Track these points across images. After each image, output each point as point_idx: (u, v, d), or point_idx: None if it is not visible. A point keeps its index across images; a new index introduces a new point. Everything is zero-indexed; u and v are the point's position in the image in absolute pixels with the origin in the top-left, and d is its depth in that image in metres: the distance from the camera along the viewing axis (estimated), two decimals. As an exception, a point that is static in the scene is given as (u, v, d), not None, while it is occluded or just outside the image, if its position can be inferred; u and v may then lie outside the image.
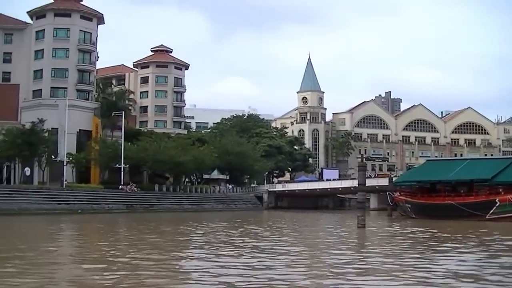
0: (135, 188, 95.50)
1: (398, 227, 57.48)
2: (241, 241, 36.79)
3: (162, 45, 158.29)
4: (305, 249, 32.21)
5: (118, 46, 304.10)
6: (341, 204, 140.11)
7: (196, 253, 28.82)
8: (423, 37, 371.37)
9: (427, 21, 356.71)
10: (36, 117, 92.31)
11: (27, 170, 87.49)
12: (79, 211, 75.23)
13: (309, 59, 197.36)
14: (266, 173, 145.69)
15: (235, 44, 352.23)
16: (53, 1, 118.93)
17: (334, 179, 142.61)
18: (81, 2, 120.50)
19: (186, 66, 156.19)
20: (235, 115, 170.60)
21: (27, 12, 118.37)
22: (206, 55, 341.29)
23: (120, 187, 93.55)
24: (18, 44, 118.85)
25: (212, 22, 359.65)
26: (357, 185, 58.14)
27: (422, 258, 27.23)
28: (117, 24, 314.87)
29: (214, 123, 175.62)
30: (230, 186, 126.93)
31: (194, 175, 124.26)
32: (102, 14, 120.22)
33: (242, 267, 23.07)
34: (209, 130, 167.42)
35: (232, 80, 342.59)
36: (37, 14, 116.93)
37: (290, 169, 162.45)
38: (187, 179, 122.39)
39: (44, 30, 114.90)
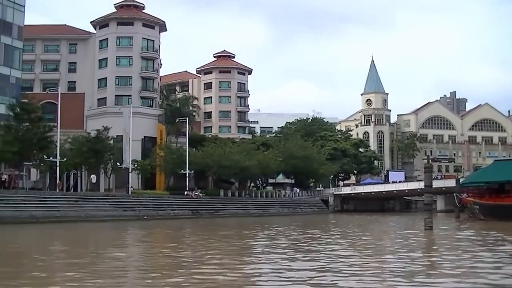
0: (200, 194, 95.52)
1: (467, 229, 56.04)
2: (308, 244, 36.25)
3: (224, 50, 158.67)
4: (373, 253, 31.45)
5: (181, 53, 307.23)
6: (407, 206, 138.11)
7: (269, 258, 28.24)
8: (487, 36, 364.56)
9: (491, 20, 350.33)
10: (101, 125, 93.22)
11: (93, 178, 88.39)
12: (145, 217, 75.45)
13: (372, 60, 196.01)
14: (332, 176, 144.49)
15: (297, 47, 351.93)
16: (115, 11, 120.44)
17: (400, 181, 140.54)
18: (143, 11, 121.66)
19: (249, 71, 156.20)
20: (299, 119, 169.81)
21: (91, 22, 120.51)
22: (268, 59, 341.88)
23: (185, 193, 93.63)
24: (83, 54, 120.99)
25: (273, 26, 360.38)
26: (423, 187, 56.91)
27: (494, 261, 26.16)
28: (180, 31, 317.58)
29: (278, 127, 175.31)
30: (298, 190, 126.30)
31: (260, 179, 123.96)
32: (164, 22, 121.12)
33: (312, 270, 22.61)
34: (273, 135, 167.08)
35: (295, 83, 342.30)
36: (100, 23, 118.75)
37: (355, 172, 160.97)
38: (252, 184, 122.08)
39: (107, 39, 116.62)
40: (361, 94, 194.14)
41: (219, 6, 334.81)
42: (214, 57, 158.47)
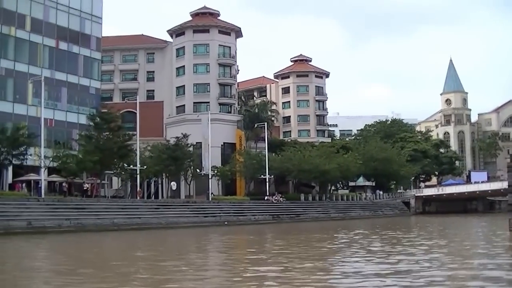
0: (281, 198, 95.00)
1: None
2: (391, 247, 35.42)
3: (301, 54, 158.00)
4: (457, 256, 30.45)
5: (258, 58, 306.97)
6: (491, 207, 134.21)
7: (364, 262, 27.55)
8: None
9: None
10: (180, 132, 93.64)
11: (174, 185, 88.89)
12: (226, 223, 75.23)
13: (451, 60, 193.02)
14: (412, 178, 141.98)
15: (372, 49, 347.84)
16: (191, 19, 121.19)
17: (482, 182, 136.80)
18: (219, 18, 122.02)
19: (327, 74, 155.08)
20: (378, 121, 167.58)
21: (167, 31, 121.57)
22: (344, 62, 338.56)
23: (266, 198, 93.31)
24: (160, 63, 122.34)
25: (347, 28, 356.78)
26: (506, 187, 54.93)
27: None
28: (255, 37, 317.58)
29: (357, 130, 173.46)
30: (381, 192, 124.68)
31: (340, 183, 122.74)
32: (240, 28, 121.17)
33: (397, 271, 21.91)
34: (353, 137, 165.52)
35: (373, 85, 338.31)
36: (177, 32, 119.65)
37: (436, 173, 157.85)
38: (333, 187, 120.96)
39: (184, 47, 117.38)
40: (440, 94, 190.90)
41: (292, 10, 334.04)
42: (291, 61, 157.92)
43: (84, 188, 74.12)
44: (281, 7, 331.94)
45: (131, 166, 79.23)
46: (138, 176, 79.04)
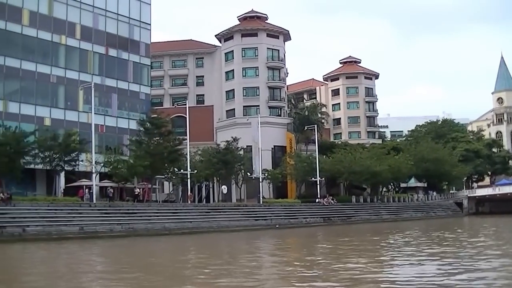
0: (332, 201, 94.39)
1: None
2: (440, 249, 34.92)
3: (350, 56, 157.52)
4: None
5: (306, 61, 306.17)
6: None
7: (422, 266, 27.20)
8: None
9: None
10: (231, 136, 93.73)
11: (224, 188, 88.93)
12: (277, 226, 75.02)
13: (502, 58, 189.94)
14: (465, 178, 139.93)
15: (421, 49, 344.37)
16: (239, 23, 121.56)
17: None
18: (267, 21, 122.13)
19: (376, 75, 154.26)
20: (429, 121, 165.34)
21: (215, 36, 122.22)
22: (393, 62, 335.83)
23: (317, 200, 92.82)
24: (209, 67, 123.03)
25: (395, 29, 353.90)
26: None
27: None
28: (304, 39, 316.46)
29: (408, 130, 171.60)
30: (434, 193, 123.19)
31: (391, 184, 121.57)
32: (288, 31, 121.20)
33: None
34: (404, 138, 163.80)
35: (423, 85, 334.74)
36: (225, 36, 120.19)
37: (489, 173, 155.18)
38: (384, 189, 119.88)
39: (232, 51, 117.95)
40: (492, 93, 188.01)
41: (340, 11, 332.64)
42: (340, 63, 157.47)
43: (136, 193, 74.58)
44: (329, 9, 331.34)
45: (182, 170, 79.52)
46: (189, 180, 79.29)
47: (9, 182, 67.04)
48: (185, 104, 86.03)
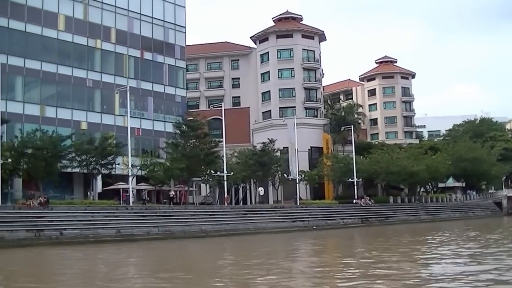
0: (370, 201, 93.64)
1: None
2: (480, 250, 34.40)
3: (386, 56, 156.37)
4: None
5: (342, 61, 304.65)
6: None
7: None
8: None
9: None
10: (267, 137, 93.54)
11: (261, 190, 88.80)
12: (314, 227, 74.54)
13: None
14: (504, 177, 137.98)
15: (459, 47, 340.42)
16: (274, 24, 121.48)
17: None
18: (301, 22, 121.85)
19: (412, 75, 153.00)
20: (467, 120, 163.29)
21: (250, 37, 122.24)
22: (430, 61, 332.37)
23: (354, 201, 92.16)
24: (245, 69, 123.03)
25: (431, 27, 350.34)
26: None
27: None
28: (339, 39, 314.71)
29: (446, 130, 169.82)
30: (474, 193, 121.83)
31: (429, 184, 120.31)
32: (323, 31, 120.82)
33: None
34: (441, 138, 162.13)
35: (460, 84, 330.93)
36: (260, 38, 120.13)
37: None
38: (422, 189, 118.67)
39: (268, 52, 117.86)
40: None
41: (375, 11, 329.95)
42: (376, 63, 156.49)
43: (171, 196, 74.69)
44: (364, 9, 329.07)
45: (218, 172, 79.45)
46: (225, 182, 79.19)
47: (47, 186, 67.61)
48: (221, 106, 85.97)
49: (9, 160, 57.73)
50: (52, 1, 78.88)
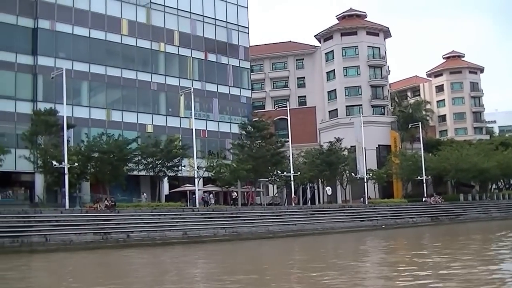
0: (439, 199, 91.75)
1: None
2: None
3: (453, 50, 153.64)
4: None
5: (408, 57, 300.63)
6: None
7: None
8: None
9: None
10: (334, 136, 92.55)
11: (329, 190, 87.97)
12: (383, 226, 73.38)
13: None
14: None
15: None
16: (338, 22, 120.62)
17: None
18: (366, 19, 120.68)
19: (481, 69, 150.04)
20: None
21: (315, 36, 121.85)
22: (499, 55, 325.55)
23: (424, 199, 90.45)
24: (310, 68, 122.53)
25: (500, 19, 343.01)
26: None
27: None
28: (405, 35, 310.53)
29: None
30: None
31: (501, 181, 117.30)
32: (388, 28, 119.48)
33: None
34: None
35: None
36: (324, 36, 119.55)
37: None
38: (493, 186, 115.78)
39: (332, 51, 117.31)
40: None
41: (438, 5, 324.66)
42: (443, 58, 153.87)
43: (233, 197, 74.43)
44: (428, 3, 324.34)
45: (285, 172, 78.85)
46: (292, 182, 78.53)
47: (115, 189, 68.17)
48: (286, 106, 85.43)
49: (76, 164, 58.13)
50: (115, 6, 79.87)
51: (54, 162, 56.64)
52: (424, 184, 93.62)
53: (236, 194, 74.92)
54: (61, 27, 74.50)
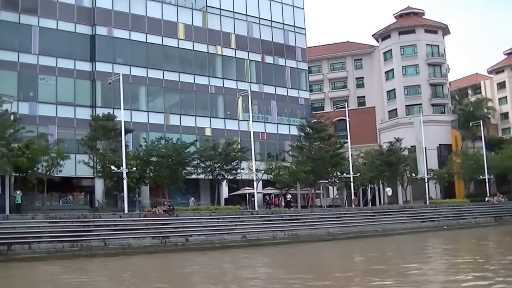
0: (503, 199, 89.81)
1: None
2: None
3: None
4: None
5: (468, 54, 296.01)
6: None
7: None
8: None
9: None
10: (393, 137, 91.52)
11: (389, 190, 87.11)
12: (445, 227, 72.10)
13: None
14: None
15: None
16: (395, 20, 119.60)
17: None
18: (424, 17, 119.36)
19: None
20: None
21: (372, 35, 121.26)
22: None
23: (486, 199, 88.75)
24: (368, 68, 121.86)
25: None
26: None
27: None
28: (464, 32, 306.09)
29: None
30: None
31: None
32: (446, 25, 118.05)
33: None
34: None
35: None
36: (382, 35, 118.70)
37: None
38: None
39: (391, 50, 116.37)
40: None
41: (496, 1, 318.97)
42: (504, 54, 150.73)
43: (287, 199, 74.11)
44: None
45: (344, 174, 78.20)
46: (351, 184, 77.88)
47: (174, 192, 68.58)
48: (345, 107, 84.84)
49: (134, 168, 58.55)
50: (171, 11, 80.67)
51: (113, 167, 57.11)
52: (487, 184, 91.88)
53: (290, 197, 74.55)
54: (118, 33, 75.64)
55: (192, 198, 72.84)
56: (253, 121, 72.92)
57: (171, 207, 56.77)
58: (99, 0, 75.01)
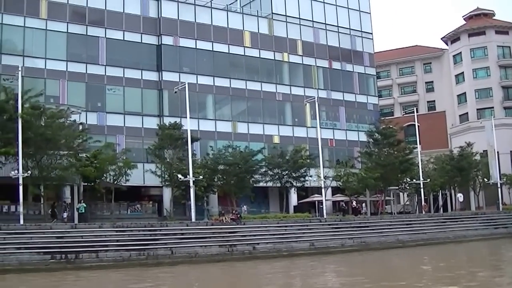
0: None
1: None
2: None
3: None
4: None
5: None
6: None
7: None
8: None
9: None
10: (464, 141, 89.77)
11: (460, 196, 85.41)
12: (519, 234, 70.27)
13: None
14: None
15: None
16: (465, 22, 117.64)
17: None
18: (494, 17, 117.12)
19: None
20: None
21: (441, 38, 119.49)
22: None
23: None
24: (438, 72, 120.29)
25: None
26: None
27: None
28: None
29: None
30: None
31: None
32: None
33: None
34: None
35: None
36: (451, 38, 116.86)
37: None
38: None
39: (460, 53, 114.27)
40: None
41: None
42: None
43: (353, 207, 73.19)
44: None
45: (414, 180, 76.95)
46: (422, 190, 76.58)
47: (243, 201, 68.62)
48: (413, 112, 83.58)
49: (201, 177, 58.71)
50: (237, 19, 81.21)
51: (180, 176, 57.31)
52: None
53: (356, 204, 73.73)
54: (184, 42, 76.37)
55: (244, 207, 72.60)
56: (321, 127, 72.36)
57: (239, 215, 56.74)
58: (165, 10, 75.91)
